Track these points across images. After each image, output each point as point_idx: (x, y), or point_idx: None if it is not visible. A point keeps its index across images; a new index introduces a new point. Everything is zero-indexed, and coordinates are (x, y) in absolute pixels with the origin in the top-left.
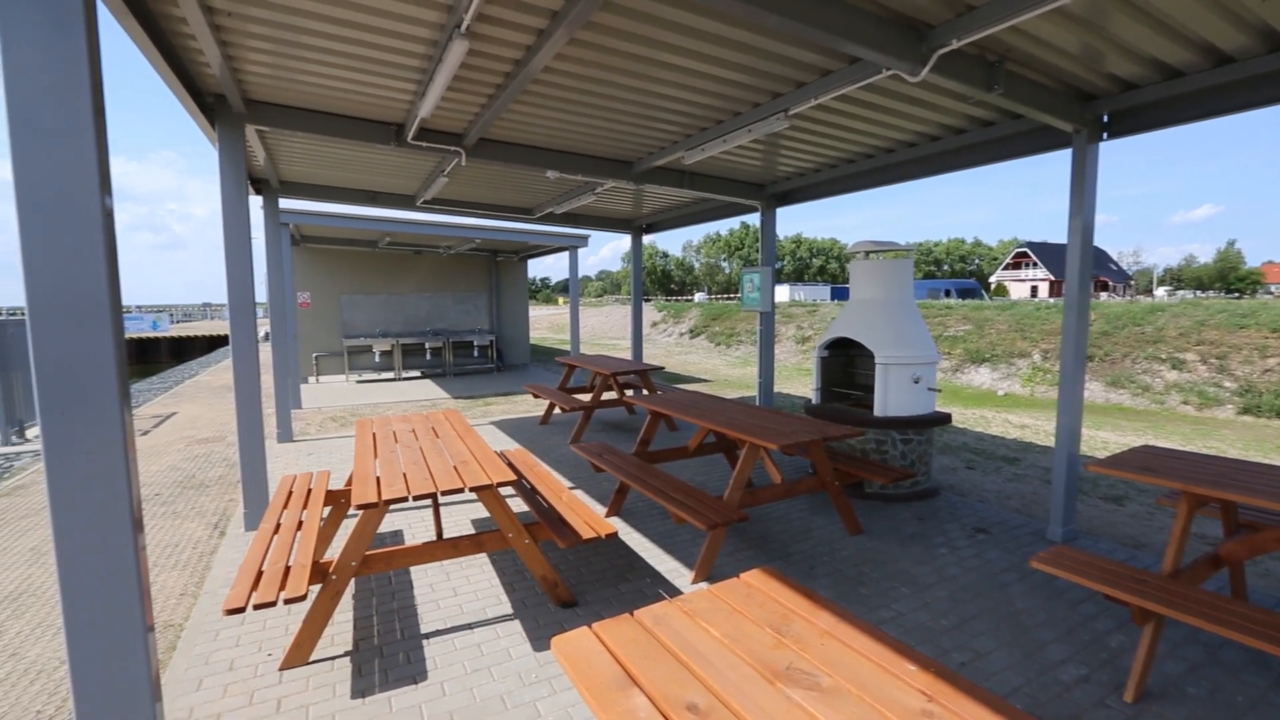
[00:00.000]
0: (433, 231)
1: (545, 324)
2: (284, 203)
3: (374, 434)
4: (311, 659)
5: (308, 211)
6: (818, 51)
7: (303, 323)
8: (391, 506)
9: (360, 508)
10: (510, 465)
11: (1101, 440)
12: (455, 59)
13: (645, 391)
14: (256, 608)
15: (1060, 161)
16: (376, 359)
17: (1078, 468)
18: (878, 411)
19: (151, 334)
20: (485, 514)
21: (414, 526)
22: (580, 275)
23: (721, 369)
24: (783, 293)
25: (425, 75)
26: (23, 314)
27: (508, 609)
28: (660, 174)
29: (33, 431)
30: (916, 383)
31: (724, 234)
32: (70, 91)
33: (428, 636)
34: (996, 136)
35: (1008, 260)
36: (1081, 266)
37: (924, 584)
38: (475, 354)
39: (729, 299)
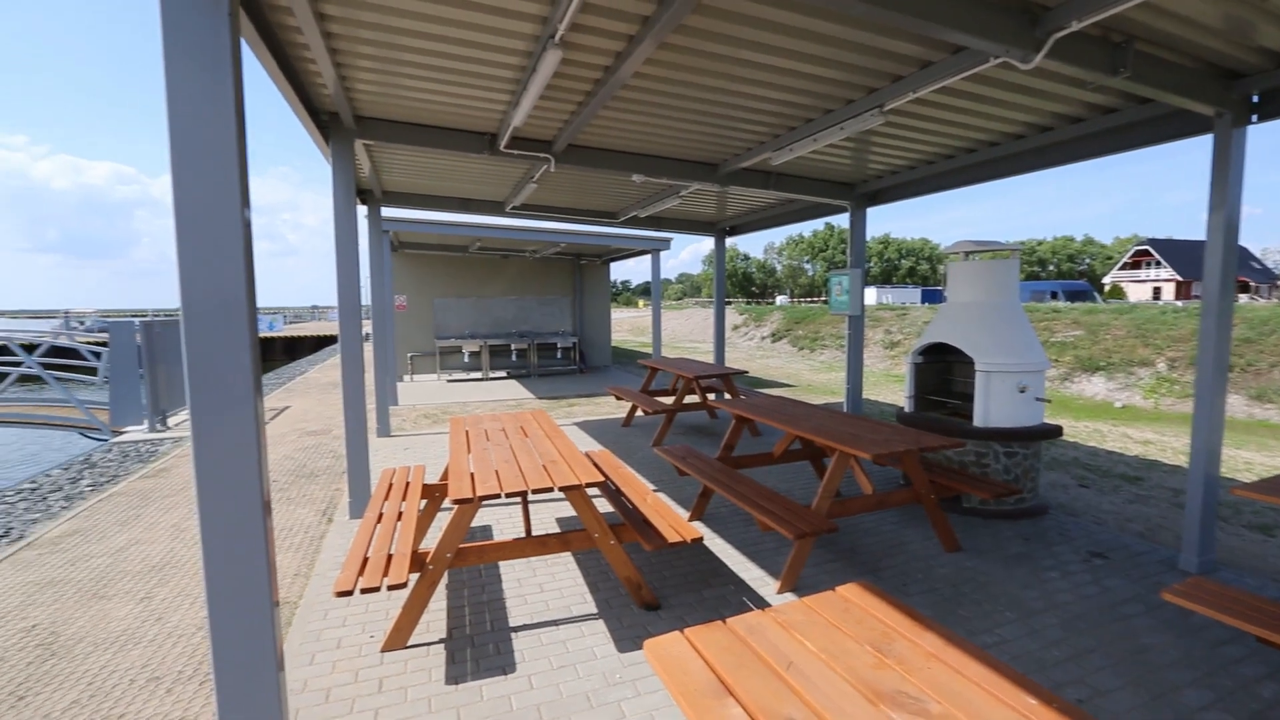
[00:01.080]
0: (520, 236)
1: (626, 326)
2: (385, 211)
3: (467, 432)
4: (409, 643)
5: (406, 219)
6: (917, 42)
7: (399, 324)
8: (484, 502)
9: (456, 502)
10: (596, 466)
11: (1244, 461)
12: (548, 69)
13: (728, 396)
14: (363, 592)
15: (1197, 148)
16: (466, 359)
17: (1218, 491)
18: (978, 422)
19: (267, 334)
20: (571, 513)
21: (502, 523)
22: (660, 278)
23: (805, 374)
24: (870, 295)
25: (519, 85)
26: (167, 315)
27: (592, 608)
28: (745, 175)
29: (174, 420)
30: (1022, 392)
31: (807, 235)
32: (219, 118)
33: (515, 630)
34: (1120, 124)
35: (1125, 259)
36: (1224, 266)
37: (1031, 609)
38: (559, 356)
39: (812, 302)
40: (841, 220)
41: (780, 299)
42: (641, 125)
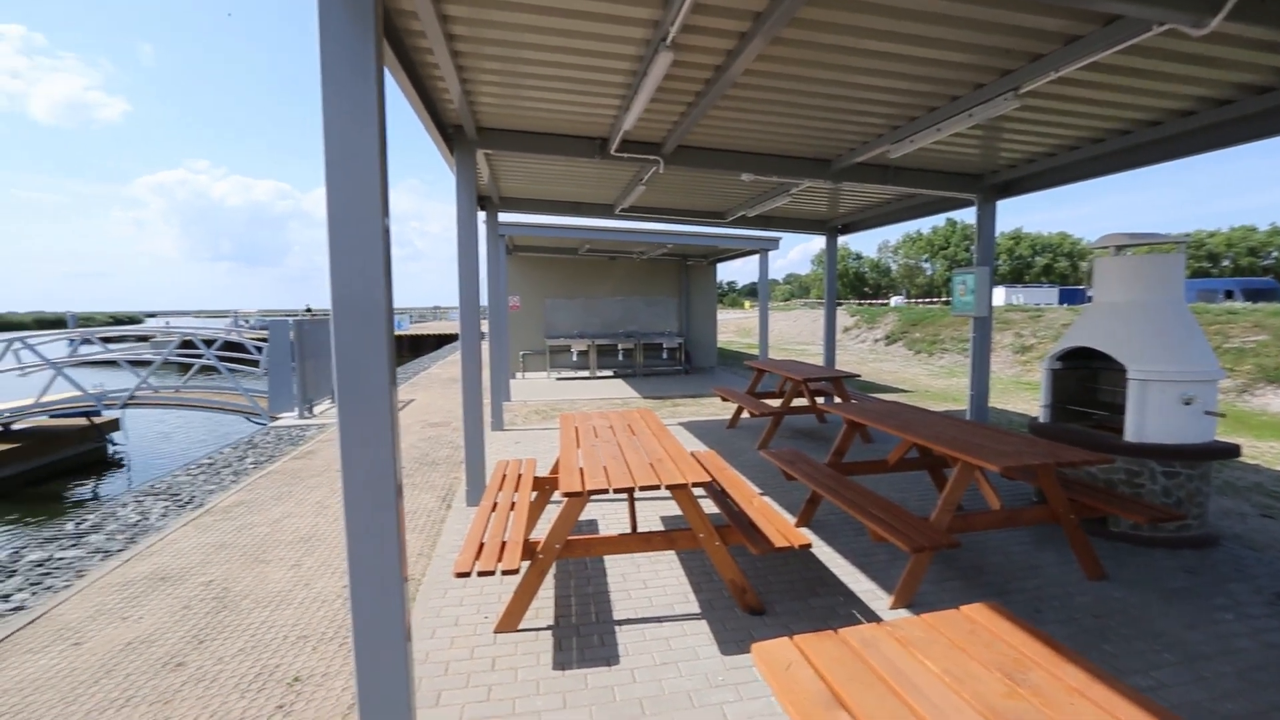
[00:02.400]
0: (628, 238)
1: (731, 327)
2: (502, 216)
3: (576, 428)
4: (520, 627)
5: (520, 223)
6: (1061, 15)
7: (512, 324)
8: (592, 497)
9: (566, 495)
10: (702, 467)
11: None
12: (660, 71)
13: (837, 399)
14: (479, 575)
15: None
16: (574, 358)
17: None
18: (1130, 436)
19: (396, 332)
20: (675, 512)
21: (607, 518)
22: (768, 278)
23: (922, 379)
24: (998, 296)
25: (629, 90)
26: (313, 315)
27: (694, 608)
28: (861, 170)
29: (320, 408)
30: (1188, 404)
31: (925, 232)
32: (365, 138)
33: (619, 623)
34: None
35: None
36: None
37: (1197, 653)
38: (664, 355)
39: (930, 303)
40: (966, 215)
41: (895, 300)
42: (751, 123)
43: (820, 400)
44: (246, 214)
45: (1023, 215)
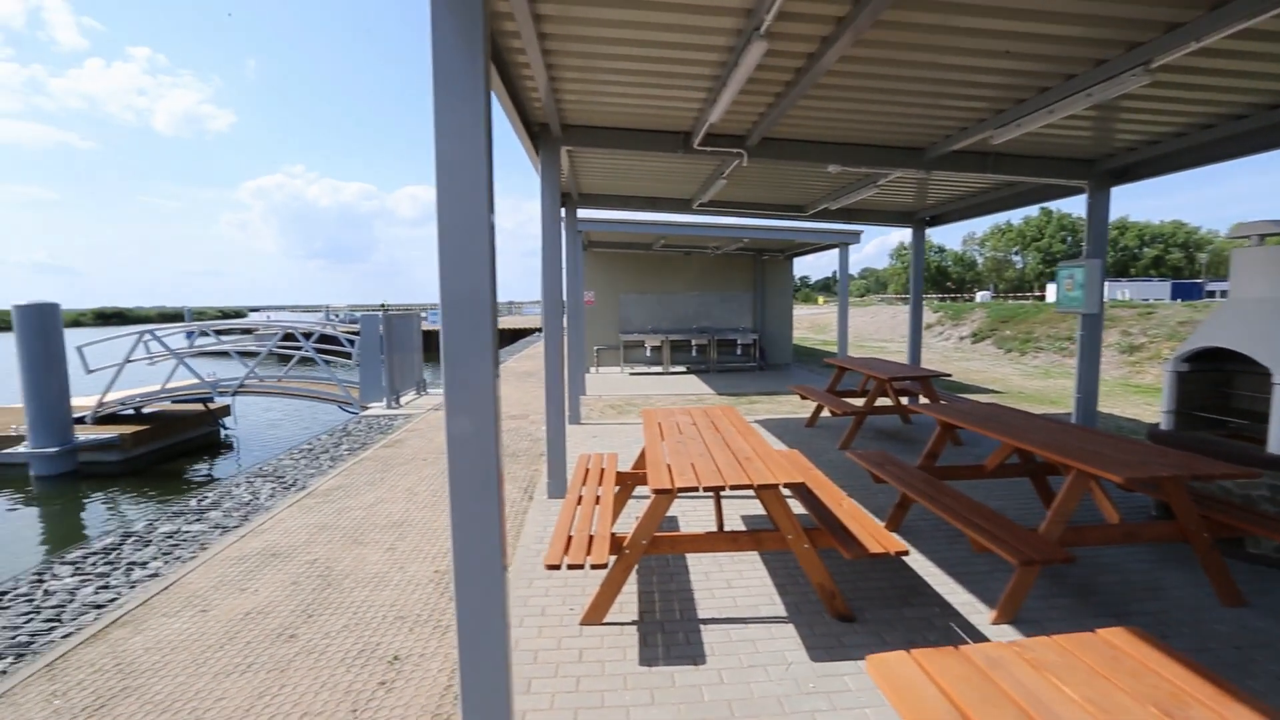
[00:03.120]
0: (703, 233)
1: (805, 323)
2: (580, 212)
3: (659, 424)
4: (605, 620)
5: (597, 219)
6: None
7: (586, 318)
8: (682, 494)
9: (656, 492)
10: (791, 467)
11: None
12: (752, 61)
13: (924, 399)
14: (569, 567)
15: None
16: (648, 353)
17: None
18: (1276, 448)
19: None
20: (756, 511)
21: (686, 515)
22: (848, 272)
23: (1014, 379)
24: None
25: (717, 82)
26: (400, 310)
27: (781, 611)
28: (957, 159)
29: (405, 399)
30: None
31: (1016, 223)
32: (472, 136)
33: (704, 622)
34: None
35: None
36: None
37: None
38: (738, 352)
39: (1022, 298)
40: (1065, 204)
41: (981, 295)
42: (840, 112)
43: (904, 400)
44: (336, 214)
45: (1129, 203)
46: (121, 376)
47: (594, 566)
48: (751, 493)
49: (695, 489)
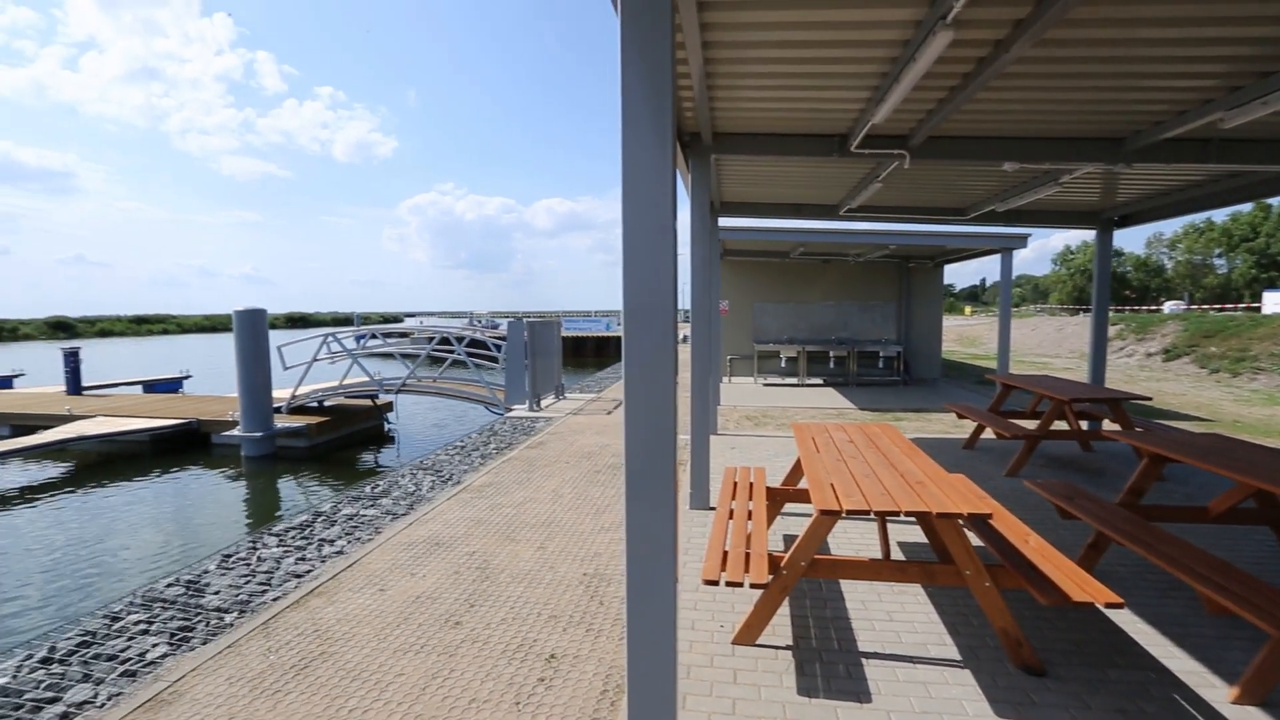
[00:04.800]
0: (845, 239)
1: (951, 335)
2: (719, 221)
3: (814, 439)
4: (758, 642)
5: (736, 228)
6: None
7: (721, 328)
8: (846, 515)
9: (822, 513)
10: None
11: None
12: (934, 53)
13: (1110, 425)
14: (727, 584)
15: None
16: (782, 364)
17: None
18: None
19: (605, 334)
20: (915, 538)
21: (835, 537)
22: (993, 280)
23: (1226, 406)
24: None
25: (886, 79)
26: (539, 318)
27: (954, 654)
28: (1169, 148)
29: (546, 401)
30: None
31: (1219, 221)
32: (658, 148)
33: (866, 656)
34: None
35: None
36: None
37: None
38: (879, 365)
39: (1226, 309)
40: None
41: (1170, 305)
42: (1022, 103)
43: (1084, 424)
44: (479, 227)
45: None
46: (303, 372)
47: (754, 585)
48: (903, 517)
49: (865, 512)
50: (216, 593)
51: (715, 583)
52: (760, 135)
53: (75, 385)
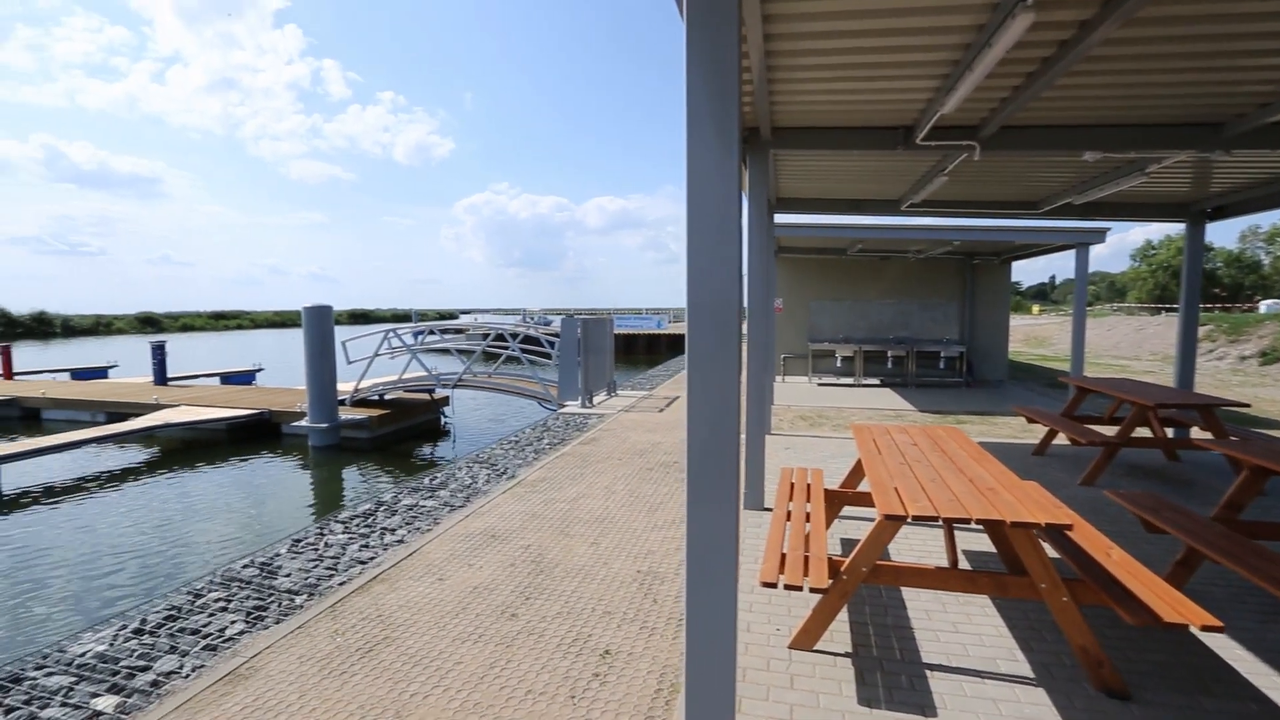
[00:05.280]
0: (906, 235)
1: (1018, 335)
2: (776, 218)
3: (875, 441)
4: (815, 648)
5: (792, 224)
6: None
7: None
8: (911, 521)
9: (887, 517)
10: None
11: None
12: (1012, 37)
13: (1200, 433)
14: (786, 588)
15: None
16: (838, 363)
17: None
18: None
19: (657, 331)
20: (982, 546)
21: (894, 544)
22: (1063, 278)
23: None
24: None
25: (958, 67)
26: (590, 315)
27: (1026, 671)
28: (1273, 133)
29: (598, 398)
30: None
31: None
32: (725, 144)
33: (930, 668)
34: None
35: None
36: None
37: None
38: (941, 365)
39: None
40: None
41: (1267, 304)
42: (1106, 88)
43: (1170, 432)
44: (532, 225)
45: None
46: (365, 366)
47: (813, 590)
48: (971, 525)
49: (933, 518)
50: (288, 575)
51: (774, 585)
52: (821, 129)
53: (161, 376)
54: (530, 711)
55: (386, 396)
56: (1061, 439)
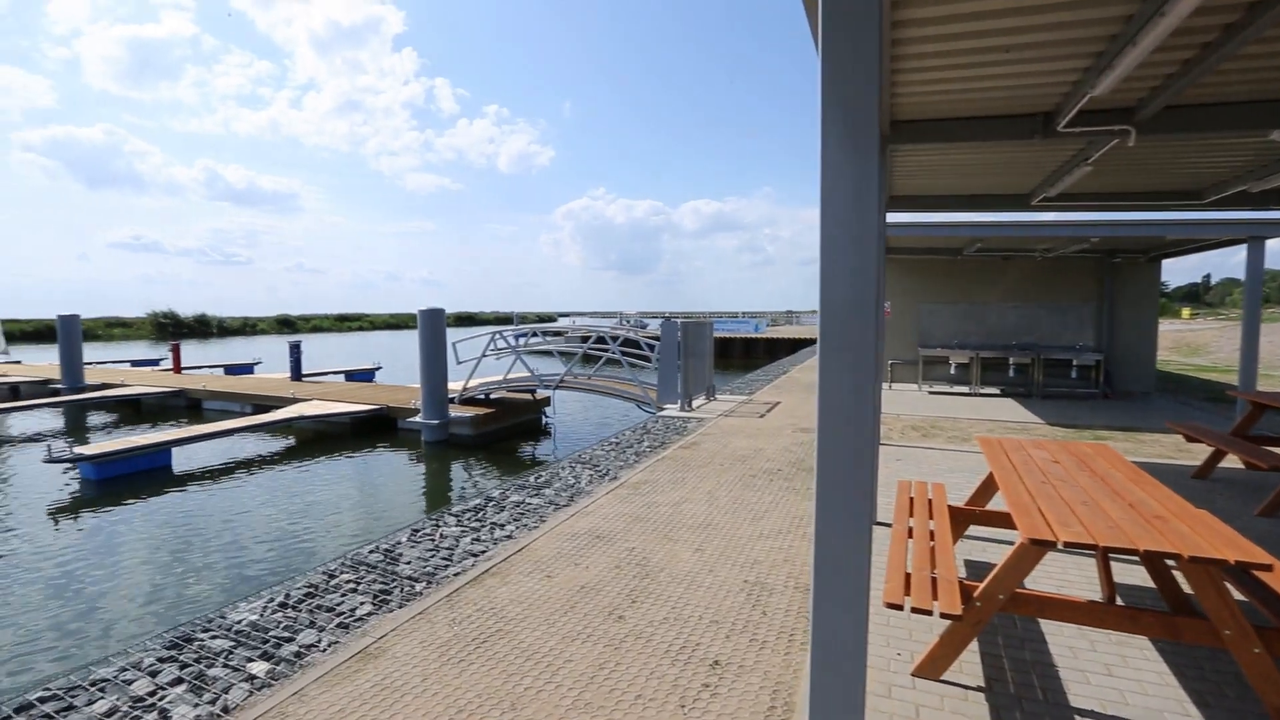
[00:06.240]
0: (1033, 233)
1: (1166, 341)
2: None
3: (1009, 457)
4: (942, 678)
5: (904, 224)
6: None
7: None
8: (1062, 547)
9: (1033, 542)
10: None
11: None
12: (1193, 2)
13: None
14: (914, 611)
15: None
16: (952, 371)
17: None
18: None
19: (754, 335)
20: (1130, 579)
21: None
22: (1219, 277)
23: None
24: None
25: (1116, 43)
26: (684, 317)
27: None
28: None
29: (698, 402)
30: None
31: None
32: (864, 141)
33: (1080, 714)
34: None
35: None
36: None
37: None
38: (1073, 375)
39: None
40: None
41: None
42: None
43: None
44: (628, 229)
45: None
46: (473, 366)
47: (945, 616)
48: (1126, 555)
49: (1089, 547)
50: (408, 563)
51: (899, 607)
52: (947, 121)
53: (297, 373)
54: (641, 717)
55: (491, 396)
56: (1229, 461)
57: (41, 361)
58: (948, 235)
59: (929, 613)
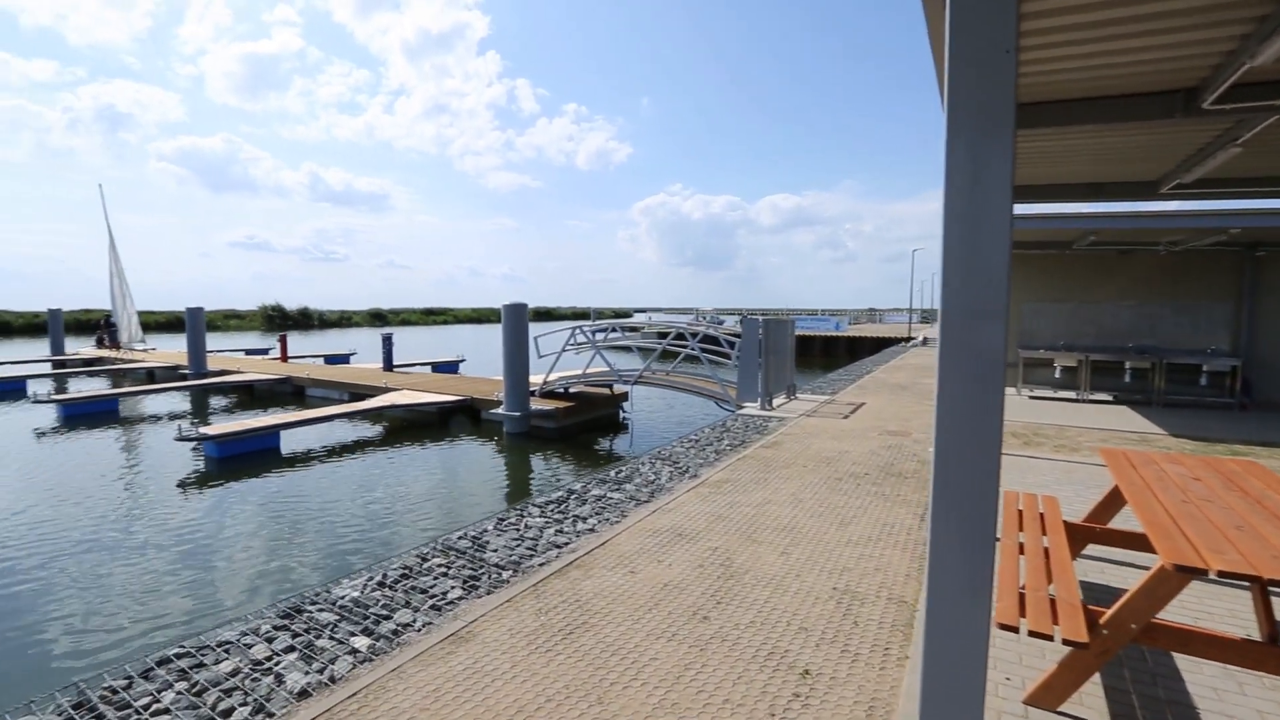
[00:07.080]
0: (1159, 224)
1: None
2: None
3: (1139, 471)
4: (1060, 709)
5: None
6: None
7: None
8: (1213, 575)
9: (1178, 569)
10: None
11: None
12: None
13: None
14: (1031, 634)
15: None
16: (1056, 374)
17: None
18: None
19: (835, 333)
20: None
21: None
22: None
23: None
24: None
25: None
26: (761, 314)
27: None
28: None
29: (778, 401)
30: None
31: None
32: (998, 132)
33: None
34: None
35: None
36: None
37: None
38: (1202, 382)
39: None
40: None
41: None
42: None
43: None
44: (705, 225)
45: None
46: (553, 360)
47: (1067, 643)
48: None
49: (1250, 577)
50: (495, 551)
51: (1014, 629)
52: (1074, 102)
53: (389, 363)
54: None
55: (571, 389)
56: None
57: (171, 349)
58: (1056, 228)
59: (1049, 638)
